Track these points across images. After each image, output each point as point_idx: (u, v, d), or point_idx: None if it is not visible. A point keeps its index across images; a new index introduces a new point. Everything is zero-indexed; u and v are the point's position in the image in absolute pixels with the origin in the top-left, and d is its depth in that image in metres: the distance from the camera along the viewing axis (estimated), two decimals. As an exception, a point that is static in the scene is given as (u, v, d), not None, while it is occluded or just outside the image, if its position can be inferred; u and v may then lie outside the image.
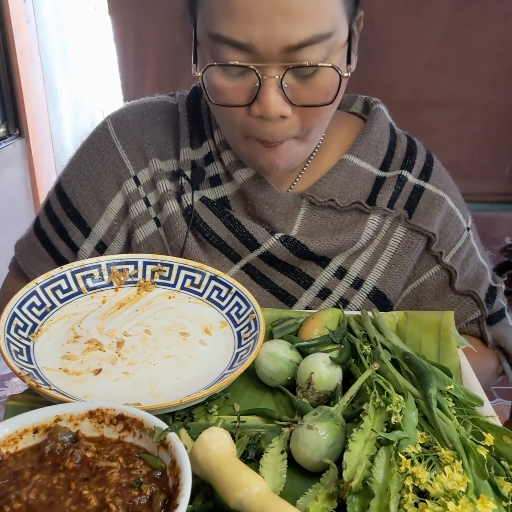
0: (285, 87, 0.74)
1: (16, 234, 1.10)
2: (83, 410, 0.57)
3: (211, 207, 0.93)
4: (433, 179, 0.96)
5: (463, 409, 0.63)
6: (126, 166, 0.96)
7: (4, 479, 0.51)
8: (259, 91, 0.74)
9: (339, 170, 0.93)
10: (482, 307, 0.96)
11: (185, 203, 0.93)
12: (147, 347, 0.74)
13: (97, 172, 0.96)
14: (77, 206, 0.97)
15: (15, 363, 0.66)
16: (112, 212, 0.97)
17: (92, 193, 0.97)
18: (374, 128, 0.95)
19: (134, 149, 0.96)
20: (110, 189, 0.96)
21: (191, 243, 0.92)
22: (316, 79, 0.75)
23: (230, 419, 0.66)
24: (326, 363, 0.69)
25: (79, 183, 0.97)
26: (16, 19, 2.69)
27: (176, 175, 0.95)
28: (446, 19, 2.49)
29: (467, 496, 0.51)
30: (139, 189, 0.95)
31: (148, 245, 0.95)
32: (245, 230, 0.91)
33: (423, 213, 0.94)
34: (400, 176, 0.94)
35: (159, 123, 0.97)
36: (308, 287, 0.93)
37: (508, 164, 2.84)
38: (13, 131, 2.84)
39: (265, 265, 0.93)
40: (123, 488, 0.49)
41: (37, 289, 0.77)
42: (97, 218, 0.97)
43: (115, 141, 0.96)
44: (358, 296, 0.94)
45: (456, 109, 2.67)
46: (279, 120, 0.77)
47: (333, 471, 0.56)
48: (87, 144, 1.00)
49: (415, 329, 0.80)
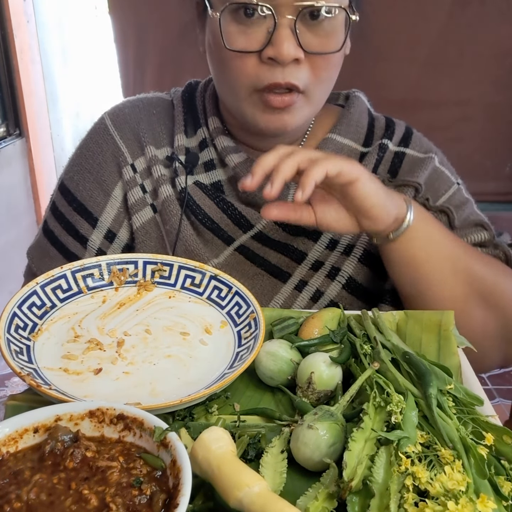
0: (298, 33, 0.79)
1: (16, 234, 1.11)
2: (83, 409, 0.57)
3: (205, 190, 0.96)
4: (413, 145, 1.01)
5: (463, 408, 0.63)
6: (124, 155, 0.98)
7: (4, 479, 0.51)
8: (273, 34, 0.79)
9: (324, 148, 0.97)
10: (489, 228, 0.96)
11: (179, 186, 0.95)
12: (147, 347, 0.75)
13: (98, 164, 0.99)
14: (82, 199, 0.99)
15: (15, 363, 0.66)
16: (116, 200, 0.99)
17: (95, 184, 0.99)
18: (352, 110, 1.01)
19: (131, 139, 0.99)
20: (112, 178, 0.98)
21: (186, 226, 0.94)
22: (325, 25, 0.81)
23: (230, 418, 0.66)
24: (326, 362, 0.69)
25: (82, 176, 0.99)
26: (16, 19, 2.69)
27: (170, 160, 0.98)
28: (445, 18, 2.49)
29: (467, 496, 0.50)
30: (136, 176, 0.98)
31: (145, 231, 0.97)
32: (238, 212, 0.94)
33: (406, 173, 0.98)
34: (381, 144, 0.99)
35: (154, 115, 1.01)
36: (301, 262, 0.96)
37: (508, 164, 2.84)
38: (13, 130, 2.84)
39: (258, 245, 0.96)
40: (123, 487, 0.50)
41: (37, 289, 0.77)
42: (102, 207, 0.99)
43: (113, 133, 0.99)
44: (349, 261, 0.96)
45: (456, 108, 2.67)
46: (290, 65, 0.81)
47: (333, 471, 0.56)
48: (86, 140, 1.02)
49: (415, 329, 0.80)
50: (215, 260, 0.95)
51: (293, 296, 0.97)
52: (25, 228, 2.73)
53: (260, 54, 0.81)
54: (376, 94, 1.09)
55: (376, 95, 1.07)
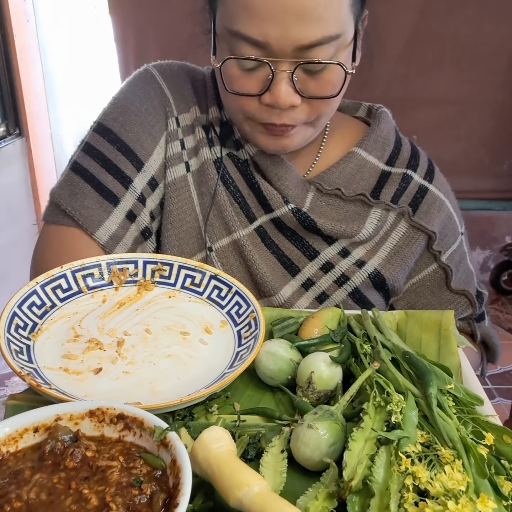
0: (295, 80, 0.81)
1: (16, 234, 1.09)
2: (83, 409, 0.57)
3: (237, 165, 0.97)
4: (436, 182, 1.02)
5: (463, 408, 0.63)
6: (171, 106, 0.97)
7: (5, 478, 0.51)
8: (271, 83, 0.81)
9: (347, 161, 0.98)
10: (475, 306, 1.02)
11: (214, 154, 0.97)
12: (147, 346, 0.75)
13: (146, 109, 0.96)
14: (128, 140, 0.94)
15: (15, 362, 0.66)
16: (162, 149, 0.97)
17: (143, 128, 0.95)
18: (381, 126, 1.01)
19: (179, 93, 0.98)
20: (160, 126, 0.96)
21: (221, 191, 0.95)
22: (324, 74, 0.82)
23: (230, 418, 0.66)
24: (326, 362, 0.69)
25: (128, 118, 0.95)
26: (16, 18, 2.69)
27: (207, 128, 0.98)
28: (444, 17, 2.49)
29: (467, 495, 0.51)
30: (178, 130, 0.97)
31: (175, 187, 0.96)
32: (262, 191, 0.96)
33: (424, 213, 0.99)
34: (405, 175, 0.99)
35: (198, 81, 1.01)
36: (313, 259, 0.97)
37: (506, 161, 2.84)
38: (13, 130, 2.84)
39: (275, 230, 0.97)
40: (124, 487, 0.49)
41: (37, 288, 0.77)
42: (150, 152, 0.95)
43: (161, 82, 0.98)
44: (359, 274, 0.98)
45: (454, 106, 2.67)
46: (288, 109, 0.83)
47: (333, 470, 0.56)
48: (129, 85, 0.99)
49: (415, 328, 0.80)
50: (242, 231, 0.95)
51: (300, 292, 0.98)
52: (25, 228, 2.72)
53: (259, 98, 0.83)
54: (375, 92, 1.08)
55: (374, 93, 1.07)
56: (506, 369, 2.58)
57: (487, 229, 2.99)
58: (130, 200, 0.93)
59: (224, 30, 0.81)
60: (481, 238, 3.00)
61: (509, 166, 2.82)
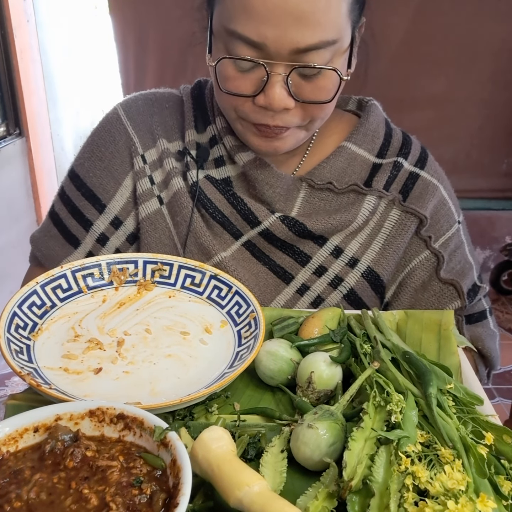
0: (290, 83, 0.80)
1: (16, 233, 1.11)
2: (83, 409, 0.57)
3: (215, 185, 0.97)
4: (428, 168, 1.01)
5: (463, 408, 0.63)
6: (136, 145, 0.99)
7: (5, 478, 0.51)
8: (266, 85, 0.81)
9: (338, 156, 0.98)
10: (463, 297, 0.99)
11: (190, 179, 0.97)
12: (147, 346, 0.75)
13: (110, 152, 0.99)
14: (92, 185, 1.00)
15: (16, 362, 0.66)
16: (127, 190, 0.99)
17: (106, 172, 0.99)
18: (370, 119, 1.00)
19: (143, 130, 1.00)
20: (123, 168, 0.99)
21: (196, 218, 0.96)
22: (319, 79, 0.81)
23: (230, 418, 0.66)
24: (326, 362, 0.69)
25: (93, 164, 1.00)
26: (16, 18, 2.69)
27: (182, 154, 0.99)
28: (444, 16, 2.49)
29: (467, 495, 0.51)
30: (145, 167, 0.99)
31: (150, 221, 0.98)
32: (247, 207, 0.96)
33: (416, 197, 0.98)
34: (395, 162, 0.98)
35: (166, 109, 1.02)
36: (305, 265, 0.97)
37: (505, 160, 2.84)
38: (13, 130, 2.84)
39: (264, 243, 0.97)
40: (124, 487, 0.50)
41: (37, 288, 0.77)
42: (112, 195, 0.99)
43: (125, 123, 1.00)
44: (353, 274, 0.97)
45: (453, 106, 2.67)
46: (282, 111, 0.83)
47: (333, 470, 0.56)
48: (98, 129, 1.03)
49: (415, 328, 0.80)
50: (223, 253, 0.96)
51: (294, 298, 0.98)
52: (25, 228, 2.72)
53: (253, 99, 0.83)
54: (374, 91, 1.08)
55: (374, 92, 1.07)
56: (506, 369, 2.58)
57: (487, 229, 2.99)
58: (89, 242, 1.01)
59: (221, 28, 0.81)
60: (481, 238, 3.00)
61: (509, 165, 2.82)
